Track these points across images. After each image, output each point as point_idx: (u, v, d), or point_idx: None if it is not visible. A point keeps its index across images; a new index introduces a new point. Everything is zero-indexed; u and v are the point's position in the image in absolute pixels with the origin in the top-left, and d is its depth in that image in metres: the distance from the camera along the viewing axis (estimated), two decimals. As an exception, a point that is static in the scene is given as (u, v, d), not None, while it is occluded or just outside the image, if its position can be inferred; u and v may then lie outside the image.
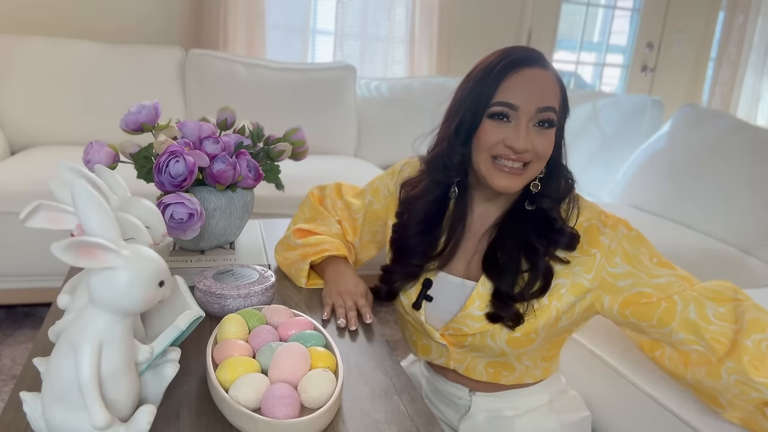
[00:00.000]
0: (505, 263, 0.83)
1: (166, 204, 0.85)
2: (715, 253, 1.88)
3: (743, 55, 3.69)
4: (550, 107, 0.78)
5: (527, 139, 0.77)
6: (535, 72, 0.78)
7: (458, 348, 0.89)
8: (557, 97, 0.80)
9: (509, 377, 0.90)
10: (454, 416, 0.95)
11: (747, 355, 0.74)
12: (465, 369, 0.91)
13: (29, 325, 1.90)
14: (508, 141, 0.78)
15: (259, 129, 1.07)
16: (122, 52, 2.39)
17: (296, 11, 2.86)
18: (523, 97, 0.77)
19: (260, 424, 0.57)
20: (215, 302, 0.83)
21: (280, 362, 0.64)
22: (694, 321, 0.77)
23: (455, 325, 0.86)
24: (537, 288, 0.82)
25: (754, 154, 1.97)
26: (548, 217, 0.83)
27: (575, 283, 0.82)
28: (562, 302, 0.83)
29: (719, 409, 0.81)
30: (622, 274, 0.81)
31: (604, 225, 0.82)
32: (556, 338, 0.88)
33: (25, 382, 0.64)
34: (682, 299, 0.78)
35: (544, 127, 0.78)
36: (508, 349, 0.84)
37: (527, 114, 0.77)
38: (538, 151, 0.78)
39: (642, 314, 0.80)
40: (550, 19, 3.45)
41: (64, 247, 0.47)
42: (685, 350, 0.80)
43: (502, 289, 0.82)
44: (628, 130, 2.74)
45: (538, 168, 0.81)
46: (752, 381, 0.73)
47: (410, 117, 2.75)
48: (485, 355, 0.88)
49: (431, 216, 0.89)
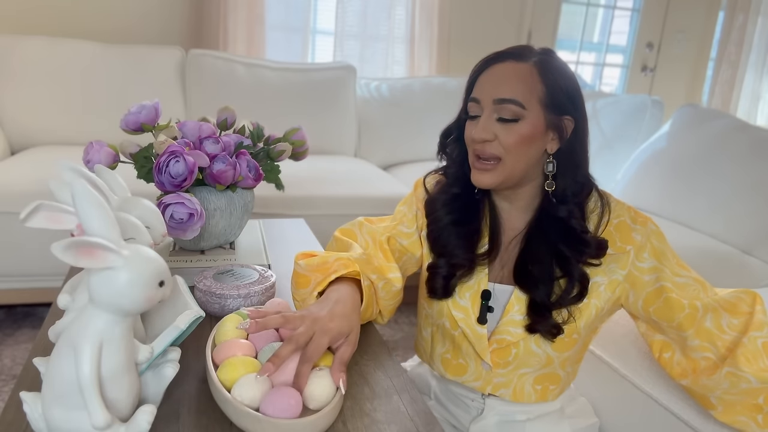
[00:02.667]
0: (538, 274, 0.82)
1: (166, 204, 0.85)
2: (715, 253, 1.88)
3: (743, 55, 3.69)
4: (510, 99, 0.76)
5: (484, 129, 0.78)
6: (504, 66, 0.79)
7: (502, 369, 0.86)
8: (527, 89, 0.77)
9: (555, 390, 0.88)
10: (465, 418, 0.94)
11: (741, 349, 0.76)
12: (513, 393, 0.87)
13: (29, 325, 1.90)
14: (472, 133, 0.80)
15: (259, 129, 1.07)
16: (122, 52, 2.39)
17: (296, 11, 2.86)
18: (483, 90, 0.79)
19: (265, 424, 0.57)
20: (215, 302, 0.83)
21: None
22: (709, 329, 0.79)
23: (498, 336, 0.85)
24: (575, 294, 0.82)
25: (754, 154, 1.97)
26: (570, 227, 0.81)
27: (612, 280, 0.83)
28: (601, 300, 0.83)
29: (711, 410, 0.82)
30: (648, 269, 0.81)
31: (634, 222, 0.83)
32: (586, 338, 0.88)
33: (25, 382, 0.64)
34: (703, 307, 0.80)
35: (507, 121, 0.78)
36: (554, 353, 0.84)
37: (487, 106, 0.79)
38: (503, 144, 0.78)
39: (665, 315, 0.81)
40: (550, 19, 3.45)
41: (64, 247, 0.47)
42: (695, 357, 0.81)
43: (537, 300, 0.82)
44: (628, 130, 2.75)
45: (514, 163, 0.79)
46: (742, 371, 0.74)
47: (410, 117, 2.75)
48: (531, 369, 0.86)
49: (459, 208, 0.87)
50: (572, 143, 0.81)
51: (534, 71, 0.78)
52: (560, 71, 0.80)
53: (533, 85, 0.77)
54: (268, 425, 0.57)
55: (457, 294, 0.87)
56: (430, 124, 2.75)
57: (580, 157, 0.83)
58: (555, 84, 0.78)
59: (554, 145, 0.81)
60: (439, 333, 0.91)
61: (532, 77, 0.77)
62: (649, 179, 2.27)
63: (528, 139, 0.78)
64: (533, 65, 0.78)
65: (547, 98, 0.78)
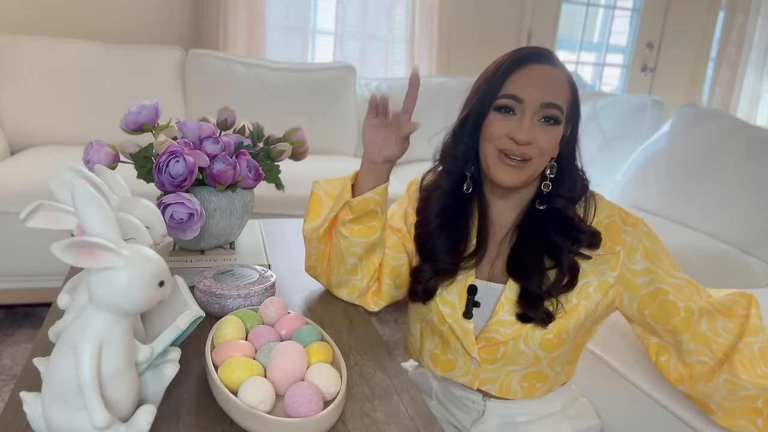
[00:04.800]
0: (531, 264, 0.83)
1: (166, 204, 0.85)
2: (715, 253, 1.88)
3: (743, 55, 3.69)
4: (555, 104, 0.78)
5: (530, 132, 0.78)
6: (544, 68, 0.80)
7: (490, 365, 0.87)
8: (565, 96, 0.80)
9: (542, 388, 0.89)
10: (467, 420, 0.94)
11: (737, 355, 0.76)
12: (499, 389, 0.88)
13: (29, 325, 1.90)
14: (512, 133, 0.79)
15: (259, 129, 1.07)
16: (122, 52, 2.39)
17: (296, 11, 2.86)
18: (528, 90, 0.79)
19: (271, 423, 0.58)
20: (215, 302, 0.83)
21: (277, 362, 0.65)
22: (705, 333, 0.79)
23: (487, 334, 0.85)
24: (564, 283, 0.82)
25: (754, 154, 1.97)
26: (565, 216, 0.83)
27: (602, 282, 0.83)
28: (590, 301, 0.83)
29: (711, 415, 0.82)
30: (641, 270, 0.81)
31: (624, 223, 0.83)
32: (579, 339, 0.88)
33: (25, 382, 0.64)
34: (699, 310, 0.79)
35: (549, 124, 0.79)
36: (542, 353, 0.84)
37: (532, 108, 0.78)
38: (540, 146, 0.79)
39: (660, 318, 0.81)
40: (550, 19, 3.45)
41: (64, 247, 0.47)
42: (690, 362, 0.81)
43: (529, 289, 0.82)
44: (628, 130, 2.74)
45: (541, 164, 0.81)
46: (739, 379, 0.74)
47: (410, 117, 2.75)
48: (519, 367, 0.86)
49: (449, 208, 0.88)
50: (570, 145, 0.84)
51: (566, 79, 0.81)
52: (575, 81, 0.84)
53: (567, 91, 0.81)
54: (273, 425, 0.58)
55: (445, 289, 0.88)
56: (430, 124, 2.75)
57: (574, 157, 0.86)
58: (576, 95, 0.82)
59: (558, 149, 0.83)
60: (428, 329, 0.92)
61: (566, 85, 0.81)
62: (649, 179, 2.27)
63: (557, 144, 0.81)
64: (564, 73, 0.81)
65: (570, 107, 0.82)
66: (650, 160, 2.31)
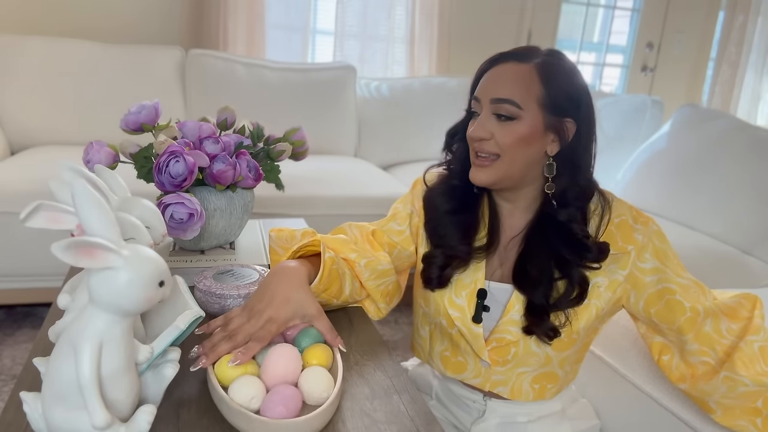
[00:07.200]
0: (536, 275, 0.82)
1: (166, 204, 0.85)
2: (715, 253, 1.88)
3: (743, 55, 3.69)
4: (506, 99, 0.77)
5: (481, 128, 0.79)
6: (505, 66, 0.80)
7: (501, 366, 0.86)
8: (526, 91, 0.77)
9: (553, 389, 0.88)
10: (467, 419, 0.94)
11: (738, 353, 0.76)
12: (511, 391, 0.87)
13: (29, 325, 1.90)
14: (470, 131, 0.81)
15: (259, 129, 1.07)
16: (122, 52, 2.39)
17: (296, 11, 2.86)
18: (482, 89, 0.81)
19: (257, 423, 0.58)
20: (215, 302, 0.83)
21: (271, 363, 0.65)
22: (708, 334, 0.80)
23: (498, 335, 0.85)
24: (574, 297, 0.81)
25: (754, 154, 1.97)
26: (572, 233, 0.81)
27: (612, 281, 0.83)
28: (601, 300, 0.83)
29: (710, 414, 0.82)
30: (650, 269, 0.81)
31: (635, 221, 0.82)
32: (586, 338, 0.88)
33: (25, 382, 0.64)
34: (704, 311, 0.80)
35: (502, 120, 0.79)
36: (553, 353, 0.84)
37: (485, 104, 0.80)
38: (498, 142, 0.79)
39: (666, 317, 0.81)
40: (550, 19, 3.45)
41: (64, 247, 0.47)
42: (693, 362, 0.81)
43: (535, 302, 0.81)
44: (628, 130, 2.75)
45: (511, 162, 0.79)
46: (739, 375, 0.75)
47: (410, 117, 2.75)
48: (530, 368, 0.86)
49: (457, 195, 0.88)
50: (574, 146, 0.81)
51: (533, 72, 0.78)
52: (563, 73, 0.80)
53: (531, 86, 0.78)
54: (259, 424, 0.58)
55: (454, 292, 0.86)
56: (430, 124, 2.75)
57: (581, 160, 0.82)
58: (555, 86, 0.78)
59: (554, 147, 0.81)
60: (438, 331, 0.91)
61: (531, 78, 0.78)
62: (650, 179, 2.27)
63: (524, 139, 0.78)
64: (534, 66, 0.78)
65: (545, 99, 0.78)
66: (650, 160, 2.31)
